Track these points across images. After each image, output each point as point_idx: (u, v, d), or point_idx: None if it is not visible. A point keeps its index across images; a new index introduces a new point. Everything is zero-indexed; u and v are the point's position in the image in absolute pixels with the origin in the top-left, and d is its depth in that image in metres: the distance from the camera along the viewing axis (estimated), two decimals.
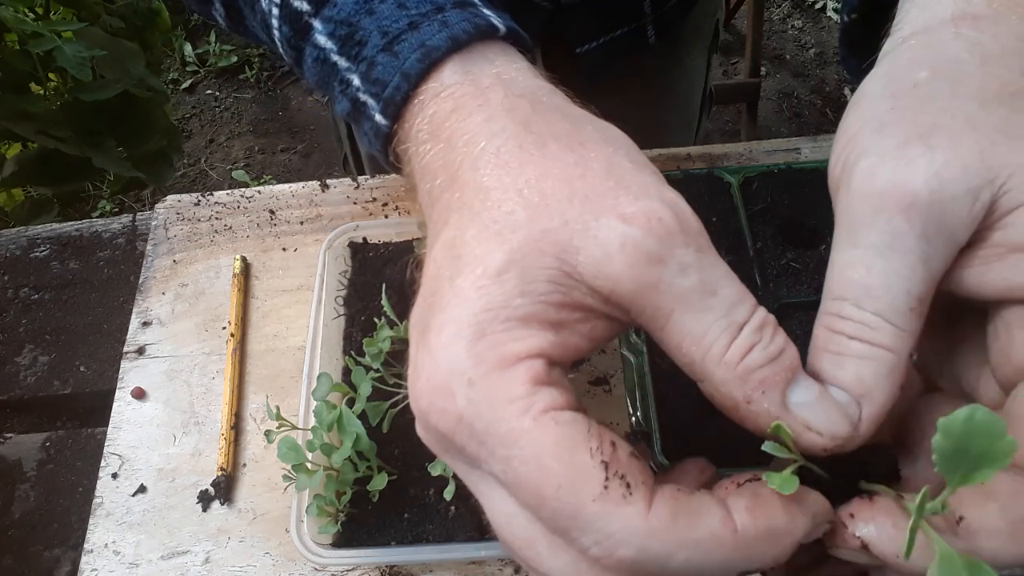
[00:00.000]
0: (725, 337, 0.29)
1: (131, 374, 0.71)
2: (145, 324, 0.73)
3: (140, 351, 0.72)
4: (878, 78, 0.35)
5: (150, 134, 1.35)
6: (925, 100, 0.32)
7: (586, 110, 0.35)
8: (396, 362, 0.57)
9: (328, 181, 0.79)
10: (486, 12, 0.37)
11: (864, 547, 0.29)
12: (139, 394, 0.69)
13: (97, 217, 1.49)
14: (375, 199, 0.77)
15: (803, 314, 0.57)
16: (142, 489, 0.65)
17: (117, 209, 2.32)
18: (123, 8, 1.39)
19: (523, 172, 0.31)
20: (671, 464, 0.34)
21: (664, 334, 0.30)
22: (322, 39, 0.39)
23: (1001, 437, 0.26)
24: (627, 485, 0.27)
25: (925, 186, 0.30)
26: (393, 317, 0.57)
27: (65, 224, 0.86)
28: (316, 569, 0.60)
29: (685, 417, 0.51)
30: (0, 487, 0.73)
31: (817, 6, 2.65)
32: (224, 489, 0.64)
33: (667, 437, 0.51)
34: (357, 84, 0.38)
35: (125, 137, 1.32)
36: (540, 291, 0.29)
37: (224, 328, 0.72)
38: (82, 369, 0.77)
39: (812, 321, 0.57)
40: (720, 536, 0.27)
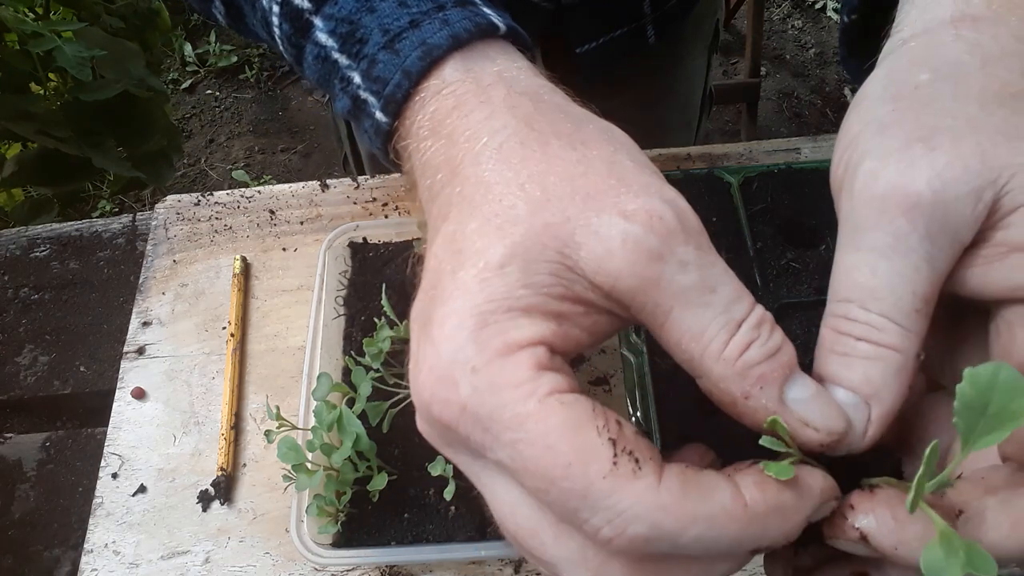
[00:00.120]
0: (724, 334, 0.29)
1: (131, 374, 0.71)
2: (145, 324, 0.73)
3: (140, 351, 0.72)
4: (879, 80, 0.35)
5: (150, 134, 1.35)
6: (926, 102, 0.32)
7: (587, 109, 0.35)
8: (396, 362, 0.57)
9: (328, 181, 0.79)
10: (487, 11, 0.37)
11: (863, 538, 0.29)
12: (139, 394, 0.69)
13: (97, 217, 1.49)
14: (375, 199, 0.77)
15: (803, 314, 0.57)
16: (142, 489, 0.65)
17: (117, 209, 2.32)
18: (123, 8, 1.39)
19: (525, 168, 0.31)
20: (670, 451, 0.34)
21: (663, 331, 0.30)
22: (323, 37, 0.39)
23: (1022, 395, 0.26)
24: (636, 460, 0.27)
25: (928, 187, 0.30)
26: (393, 317, 0.57)
27: (65, 224, 0.86)
28: (316, 569, 0.60)
29: (685, 417, 0.52)
30: (0, 487, 0.73)
31: (817, 6, 2.65)
32: (224, 489, 0.64)
33: (667, 437, 0.51)
34: (358, 82, 0.38)
35: (125, 137, 1.32)
36: (542, 283, 0.29)
37: (224, 328, 0.72)
38: (82, 369, 0.77)
39: (812, 321, 0.57)
40: (732, 511, 0.27)
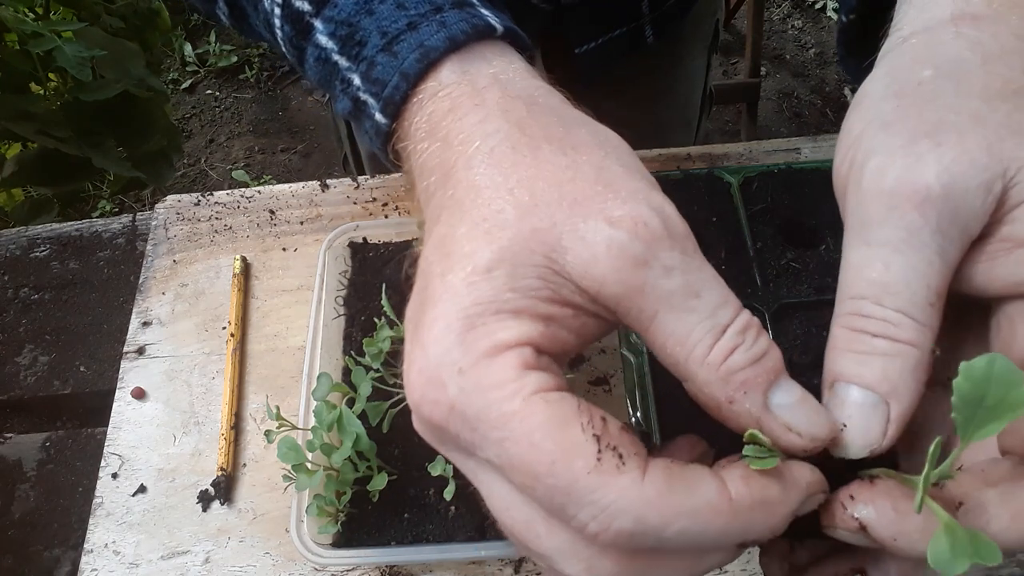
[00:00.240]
0: (708, 338, 0.29)
1: (131, 374, 0.71)
2: (145, 324, 0.73)
3: (140, 351, 0.72)
4: (880, 78, 0.35)
5: (150, 134, 1.35)
6: (929, 98, 0.32)
7: (582, 112, 0.36)
8: (396, 362, 0.57)
9: (328, 181, 0.79)
10: (484, 12, 0.37)
11: (862, 528, 0.29)
12: (139, 394, 0.69)
13: (97, 217, 1.49)
14: (375, 199, 0.77)
15: (803, 314, 0.57)
16: (142, 489, 0.65)
17: (117, 209, 2.32)
18: (123, 8, 1.39)
19: (515, 173, 0.31)
20: (662, 444, 0.35)
21: (649, 335, 0.30)
22: (323, 39, 0.39)
23: (1018, 386, 0.27)
24: (620, 456, 0.27)
25: (937, 181, 0.30)
26: (393, 317, 0.57)
27: (65, 224, 0.86)
28: (316, 569, 0.60)
29: (685, 417, 0.51)
30: (0, 487, 0.73)
31: (817, 6, 2.65)
32: (224, 489, 0.64)
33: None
34: (357, 83, 0.38)
35: (125, 137, 1.32)
36: (530, 287, 0.30)
37: (224, 328, 0.72)
38: (82, 369, 0.77)
39: (812, 321, 0.58)
40: (716, 505, 0.27)
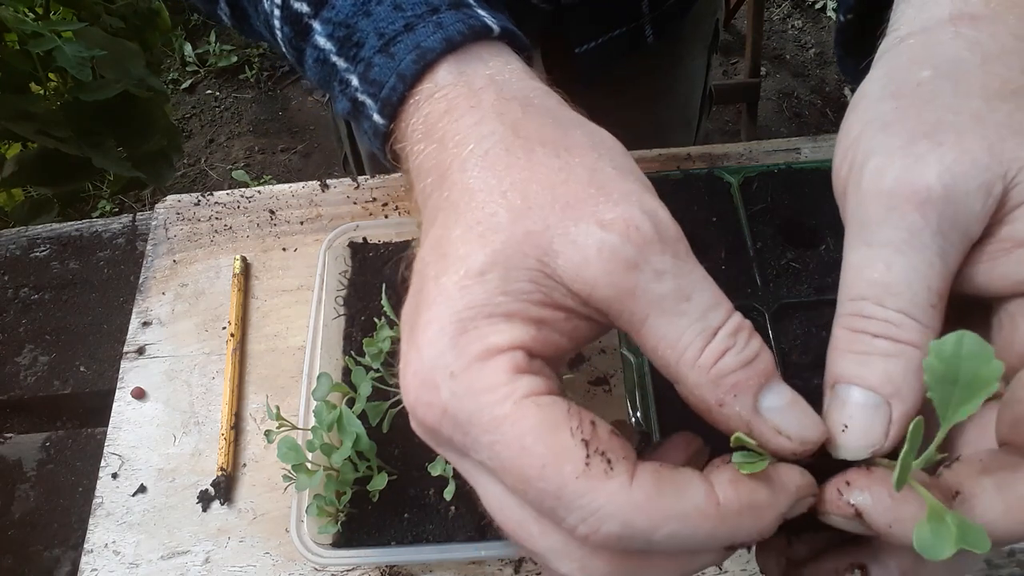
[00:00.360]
0: (699, 341, 0.29)
1: (131, 374, 0.71)
2: (145, 324, 0.73)
3: (140, 351, 0.72)
4: (878, 78, 0.35)
5: (150, 134, 1.35)
6: (928, 98, 0.32)
7: (578, 112, 0.35)
8: (396, 362, 0.56)
9: (328, 181, 0.79)
10: (481, 13, 0.37)
11: (858, 515, 0.29)
12: (139, 394, 0.69)
13: (97, 217, 1.49)
14: (375, 199, 0.77)
15: (803, 314, 0.57)
16: (142, 489, 0.65)
17: (117, 209, 2.32)
18: (123, 8, 1.39)
19: (508, 175, 0.31)
20: (659, 440, 0.35)
21: (640, 337, 0.30)
22: (321, 40, 0.39)
23: (989, 361, 0.27)
24: (608, 461, 0.27)
25: (938, 181, 0.30)
26: (393, 317, 0.57)
27: (65, 224, 0.86)
28: (316, 569, 0.60)
29: (685, 417, 0.51)
30: (0, 487, 0.73)
31: (817, 6, 2.65)
32: (224, 489, 0.64)
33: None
34: (356, 84, 0.38)
35: (125, 137, 1.32)
36: (522, 290, 0.30)
37: (224, 328, 0.72)
38: (82, 369, 0.77)
39: (812, 321, 0.58)
40: (704, 509, 0.28)
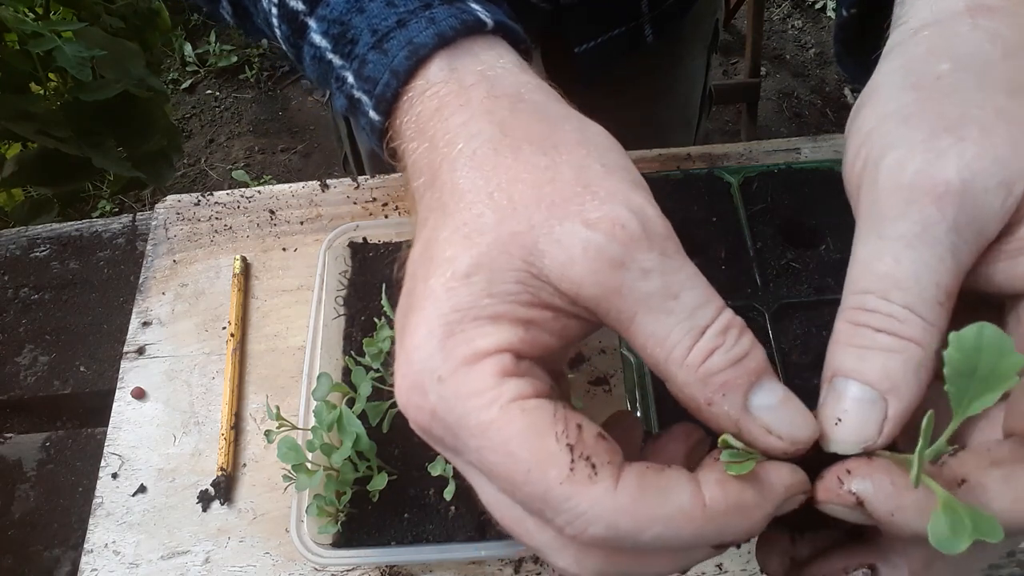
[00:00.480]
0: (687, 340, 0.29)
1: (131, 374, 0.71)
2: (145, 324, 0.73)
3: (140, 351, 0.72)
4: (894, 70, 0.34)
5: (150, 134, 1.35)
6: (949, 92, 0.31)
7: (569, 107, 0.35)
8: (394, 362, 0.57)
9: (328, 181, 0.79)
10: (474, 7, 0.37)
11: (859, 503, 0.29)
12: (139, 394, 0.69)
13: (97, 217, 1.49)
14: (375, 199, 0.77)
15: (803, 314, 0.57)
16: (142, 489, 0.65)
17: (117, 209, 2.32)
18: (123, 8, 1.39)
19: (495, 176, 0.31)
20: (660, 431, 0.35)
21: (629, 335, 0.30)
22: (317, 38, 0.39)
23: (1009, 354, 0.26)
24: (592, 466, 0.28)
25: (957, 176, 0.29)
26: (393, 317, 0.57)
27: (65, 224, 0.86)
28: (316, 569, 0.60)
29: (685, 417, 0.51)
30: (0, 487, 0.73)
31: (817, 6, 2.65)
32: (224, 489, 0.64)
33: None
34: (351, 81, 0.38)
35: (125, 137, 1.32)
36: (508, 291, 0.30)
37: (224, 328, 0.72)
38: (82, 369, 0.77)
39: (812, 321, 0.58)
40: (689, 511, 0.28)
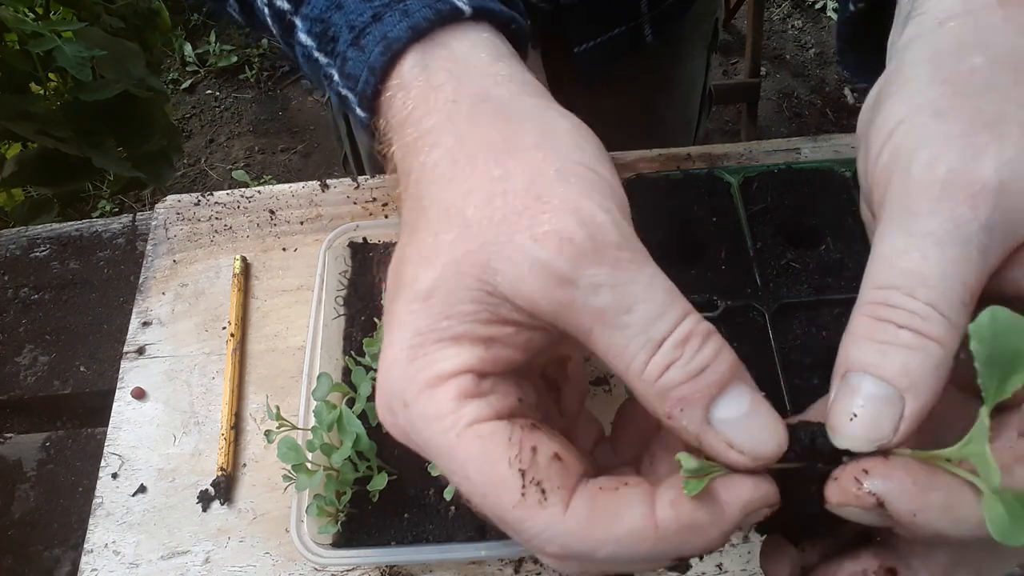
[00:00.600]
0: (643, 354, 0.29)
1: (131, 374, 0.71)
2: (145, 324, 0.73)
3: (140, 351, 0.72)
4: (921, 62, 0.33)
5: (150, 134, 1.35)
6: (984, 87, 0.30)
7: (542, 96, 0.34)
8: None
9: (328, 181, 0.79)
10: None
11: (879, 504, 0.28)
12: (139, 394, 0.69)
13: (97, 217, 1.49)
14: (375, 199, 0.77)
15: (803, 314, 0.57)
16: (142, 489, 0.65)
17: (117, 209, 2.32)
18: (123, 8, 1.39)
19: (451, 189, 0.32)
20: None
21: (590, 347, 0.30)
22: (303, 36, 0.39)
23: None
24: (542, 491, 0.28)
25: (995, 175, 0.28)
26: None
27: (65, 224, 0.86)
28: (316, 569, 0.60)
29: None
30: (0, 487, 0.73)
31: (817, 6, 2.65)
32: (224, 489, 0.64)
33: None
34: (337, 79, 0.38)
35: (125, 137, 1.32)
36: (465, 312, 0.30)
37: (224, 328, 0.72)
38: (82, 369, 0.77)
39: (812, 321, 0.58)
40: (641, 532, 0.28)
